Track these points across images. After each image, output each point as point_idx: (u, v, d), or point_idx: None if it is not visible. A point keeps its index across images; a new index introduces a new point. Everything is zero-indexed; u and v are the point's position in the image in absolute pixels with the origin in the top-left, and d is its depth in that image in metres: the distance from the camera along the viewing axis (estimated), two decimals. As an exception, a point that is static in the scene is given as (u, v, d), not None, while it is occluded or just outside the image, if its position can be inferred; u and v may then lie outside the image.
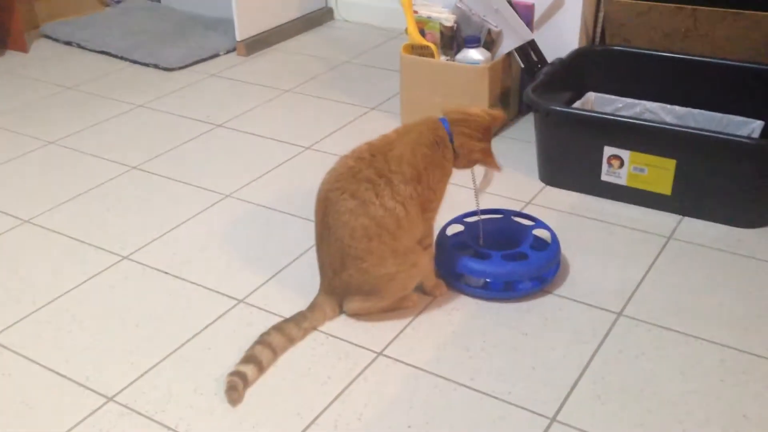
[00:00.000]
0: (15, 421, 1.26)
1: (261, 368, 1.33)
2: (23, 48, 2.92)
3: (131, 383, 1.33)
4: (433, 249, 1.49)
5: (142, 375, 1.35)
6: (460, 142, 1.44)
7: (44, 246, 1.74)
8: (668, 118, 2.02)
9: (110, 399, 1.30)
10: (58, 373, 1.36)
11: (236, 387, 1.28)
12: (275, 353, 1.36)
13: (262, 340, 1.36)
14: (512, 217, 1.65)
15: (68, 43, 3.00)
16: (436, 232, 1.54)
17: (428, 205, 1.43)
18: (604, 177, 1.83)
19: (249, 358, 1.33)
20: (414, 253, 1.42)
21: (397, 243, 1.38)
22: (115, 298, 1.56)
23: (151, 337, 1.44)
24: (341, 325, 1.46)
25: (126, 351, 1.41)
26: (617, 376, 1.31)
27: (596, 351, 1.37)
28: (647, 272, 1.58)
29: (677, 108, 2.01)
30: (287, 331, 1.39)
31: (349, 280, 1.41)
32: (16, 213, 1.87)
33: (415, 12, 2.17)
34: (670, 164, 1.73)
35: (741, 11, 1.98)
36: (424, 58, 2.17)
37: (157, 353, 1.40)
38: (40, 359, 1.40)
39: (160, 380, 1.34)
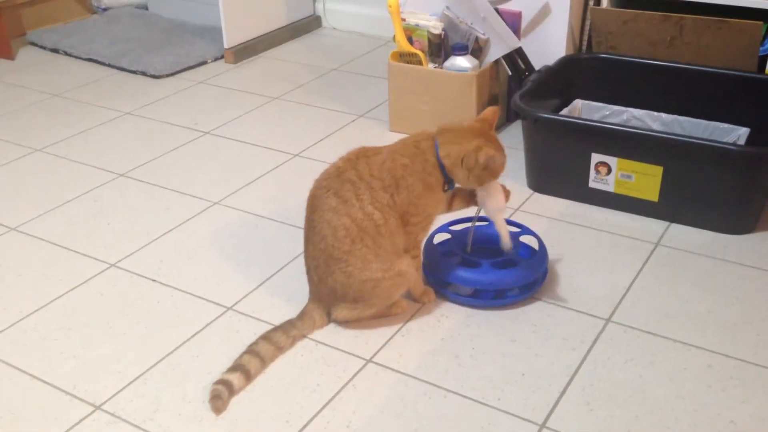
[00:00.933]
0: (1, 430, 1.25)
1: (248, 377, 1.32)
2: (9, 55, 2.90)
3: (119, 391, 1.32)
4: (420, 258, 1.49)
5: (129, 383, 1.34)
6: (445, 152, 1.40)
7: (31, 254, 1.73)
8: (655, 125, 2.04)
9: (98, 408, 1.29)
10: (45, 382, 1.35)
11: (220, 395, 1.27)
12: (264, 362, 1.35)
13: (250, 350, 1.36)
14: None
15: (55, 51, 2.98)
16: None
17: (409, 219, 1.41)
18: (591, 184, 1.84)
19: (236, 367, 1.32)
20: (400, 260, 1.42)
21: (379, 249, 1.38)
22: (102, 306, 1.55)
23: (139, 345, 1.43)
24: (330, 332, 1.45)
25: (113, 359, 1.40)
26: (606, 383, 1.32)
27: (585, 357, 1.38)
28: (635, 278, 1.59)
29: (664, 115, 2.03)
30: (275, 340, 1.39)
31: (334, 285, 1.41)
32: (2, 221, 1.85)
33: (403, 20, 2.18)
34: (657, 171, 1.75)
35: (726, 20, 2.00)
36: (412, 66, 2.17)
37: (145, 361, 1.39)
38: (26, 368, 1.38)
39: (148, 388, 1.33)
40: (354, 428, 1.24)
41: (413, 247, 1.46)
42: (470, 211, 1.54)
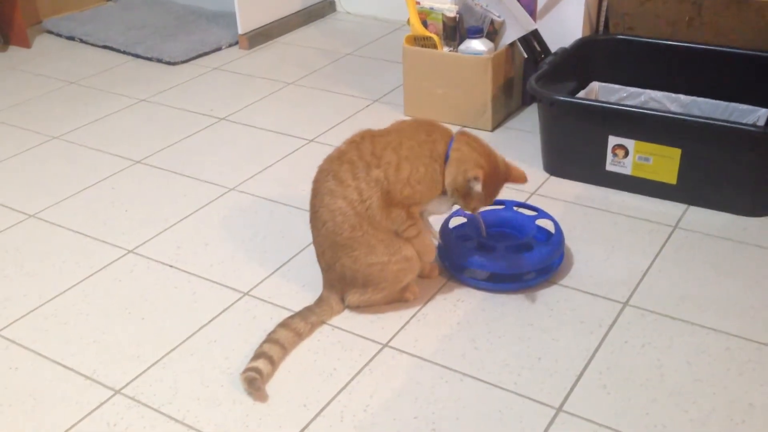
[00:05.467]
0: (22, 414, 1.27)
1: (273, 363, 1.33)
2: (26, 43, 2.92)
3: (138, 376, 1.34)
4: (422, 237, 1.45)
5: (148, 368, 1.35)
6: (457, 146, 1.37)
7: (50, 240, 1.75)
8: (673, 107, 2.01)
9: (117, 392, 1.31)
10: (65, 367, 1.36)
11: (255, 380, 1.27)
12: (285, 349, 1.36)
13: (270, 338, 1.36)
14: (514, 207, 1.65)
15: (71, 38, 2.99)
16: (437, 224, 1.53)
17: (398, 197, 1.35)
18: (608, 167, 1.82)
19: (260, 355, 1.32)
20: (406, 245, 1.41)
21: (380, 233, 1.37)
22: (120, 292, 1.56)
23: (157, 330, 1.45)
24: (346, 317, 1.46)
25: (132, 344, 1.41)
26: (623, 366, 1.31)
27: (602, 341, 1.37)
28: (653, 262, 1.58)
29: (682, 97, 2.00)
30: (294, 327, 1.39)
31: (342, 271, 1.41)
32: (22, 208, 1.87)
33: (418, 3, 2.17)
34: (675, 153, 1.73)
35: (745, -1, 1.97)
36: (427, 49, 2.16)
37: (163, 346, 1.40)
38: (47, 353, 1.40)
39: (167, 373, 1.34)
40: (371, 412, 1.24)
41: (407, 227, 1.40)
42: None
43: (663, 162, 1.75)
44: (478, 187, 1.36)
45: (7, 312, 1.51)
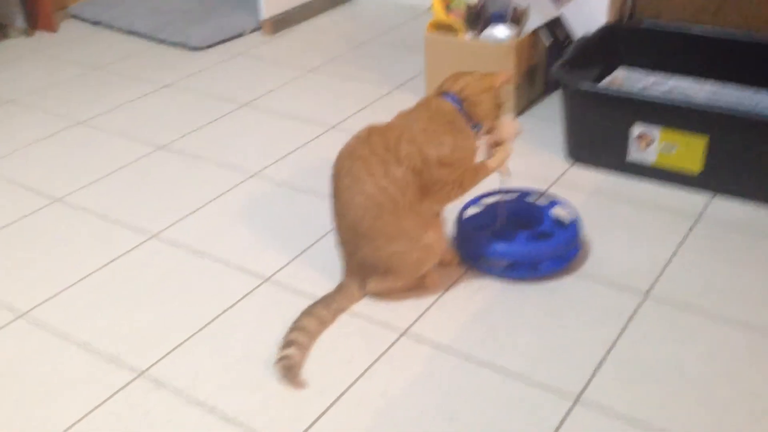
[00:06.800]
0: (47, 395, 1.30)
1: (303, 350, 1.34)
2: (52, 28, 2.95)
3: (161, 359, 1.36)
4: (443, 225, 1.47)
5: (171, 351, 1.38)
6: (459, 87, 1.44)
7: (76, 224, 1.77)
8: (700, 94, 1.98)
9: (141, 374, 1.33)
10: (89, 349, 1.39)
11: (292, 367, 1.29)
12: (312, 336, 1.37)
13: (297, 326, 1.37)
14: (527, 197, 1.64)
15: (96, 23, 3.02)
16: (452, 213, 1.53)
17: (445, 178, 1.38)
18: (632, 155, 1.81)
19: (290, 343, 1.34)
20: (426, 233, 1.41)
21: (401, 222, 1.38)
22: (144, 276, 1.59)
23: (180, 314, 1.47)
24: (366, 304, 1.47)
25: (156, 327, 1.44)
26: (642, 357, 1.31)
27: (622, 332, 1.37)
28: (675, 252, 1.56)
29: (709, 84, 1.97)
30: (318, 314, 1.40)
31: (363, 259, 1.42)
32: (49, 191, 1.90)
33: (441, -11, 2.15)
34: (702, 142, 1.71)
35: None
36: (449, 36, 2.15)
37: (186, 330, 1.42)
38: (72, 335, 1.43)
39: (190, 356, 1.36)
40: (389, 398, 1.25)
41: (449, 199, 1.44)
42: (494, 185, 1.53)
43: (688, 150, 1.73)
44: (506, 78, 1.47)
45: (33, 294, 1.54)
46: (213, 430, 1.21)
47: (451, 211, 1.54)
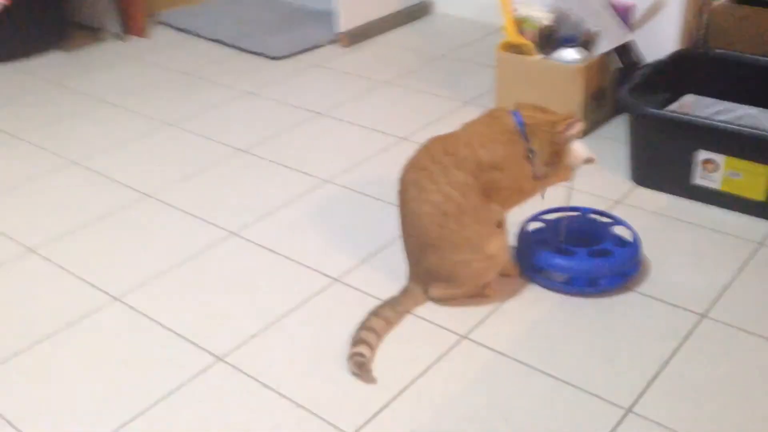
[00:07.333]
0: (134, 372, 1.43)
1: (372, 348, 1.42)
2: (144, 34, 3.14)
3: (238, 347, 1.47)
4: (506, 236, 1.53)
5: (248, 340, 1.49)
6: (529, 114, 1.46)
7: (163, 219, 1.91)
8: (766, 124, 2.00)
9: (219, 359, 1.45)
10: (173, 333, 1.52)
11: (364, 363, 1.38)
12: (379, 336, 1.46)
13: (365, 326, 1.46)
14: (591, 215, 1.69)
15: (183, 31, 3.19)
16: (515, 227, 1.60)
17: (498, 186, 1.44)
18: (697, 180, 1.84)
19: (360, 341, 1.42)
20: (489, 243, 1.47)
21: (465, 230, 1.45)
22: (224, 269, 1.71)
23: (256, 307, 1.58)
24: (428, 309, 1.55)
25: (234, 317, 1.55)
26: (696, 375, 1.35)
27: (677, 350, 1.41)
28: (735, 277, 1.59)
29: (777, 114, 1.99)
30: (384, 315, 1.49)
31: (428, 267, 1.50)
32: (140, 188, 2.05)
33: (514, 10, 2.22)
34: (766, 170, 1.73)
35: None
36: (520, 56, 2.21)
37: (260, 322, 1.53)
38: (159, 319, 1.56)
39: (264, 346, 1.47)
40: (447, 397, 1.33)
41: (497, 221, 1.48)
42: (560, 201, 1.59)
43: (753, 178, 1.76)
44: (574, 130, 1.45)
45: (126, 280, 1.68)
46: (284, 415, 1.32)
47: (513, 224, 1.61)
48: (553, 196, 1.60)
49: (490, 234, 1.49)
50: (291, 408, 1.33)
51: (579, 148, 1.50)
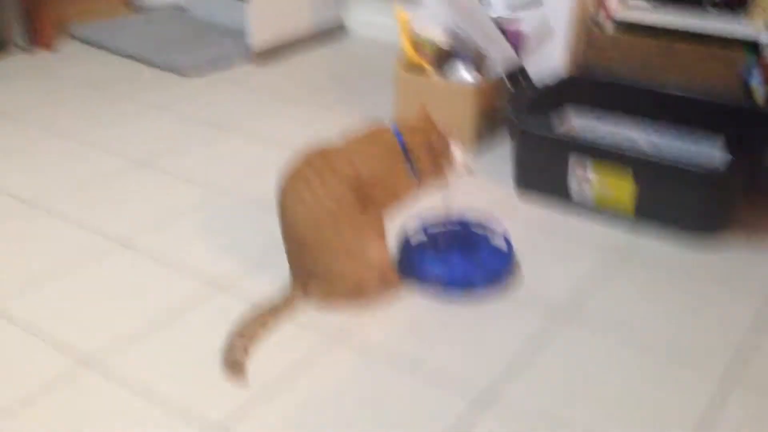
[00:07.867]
0: None
1: (246, 351, 1.46)
2: (51, 47, 3.11)
3: (115, 349, 1.48)
4: (386, 243, 1.59)
5: (125, 343, 1.50)
6: (410, 138, 1.56)
7: (50, 228, 1.91)
8: (642, 143, 2.14)
9: (86, 361, 1.45)
10: (52, 336, 1.52)
11: (238, 364, 1.44)
12: (255, 338, 1.49)
13: (241, 330, 1.49)
14: (468, 224, 1.78)
15: (95, 45, 3.18)
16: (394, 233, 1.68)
17: (375, 197, 1.52)
18: (572, 191, 1.95)
19: (235, 345, 1.46)
20: (369, 249, 1.54)
21: (345, 238, 1.51)
22: (109, 278, 1.72)
23: (138, 313, 1.60)
24: (305, 310, 1.59)
25: (114, 321, 1.57)
26: (557, 369, 1.44)
27: (541, 347, 1.50)
28: (600, 281, 1.70)
29: (652, 134, 2.14)
30: (261, 318, 1.52)
31: (308, 272, 1.56)
32: (29, 198, 2.04)
33: (414, 32, 2.32)
34: (631, 185, 1.86)
35: (716, 50, 2.11)
36: (416, 76, 2.31)
37: (139, 326, 1.55)
38: (41, 325, 1.56)
39: (141, 350, 1.49)
40: (318, 398, 1.38)
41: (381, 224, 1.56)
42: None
43: (620, 193, 1.88)
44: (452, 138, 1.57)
45: (4, 287, 1.67)
46: (157, 419, 1.34)
47: (396, 233, 1.68)
48: (437, 205, 1.68)
49: (370, 241, 1.55)
50: (164, 410, 1.35)
51: (459, 155, 1.60)
